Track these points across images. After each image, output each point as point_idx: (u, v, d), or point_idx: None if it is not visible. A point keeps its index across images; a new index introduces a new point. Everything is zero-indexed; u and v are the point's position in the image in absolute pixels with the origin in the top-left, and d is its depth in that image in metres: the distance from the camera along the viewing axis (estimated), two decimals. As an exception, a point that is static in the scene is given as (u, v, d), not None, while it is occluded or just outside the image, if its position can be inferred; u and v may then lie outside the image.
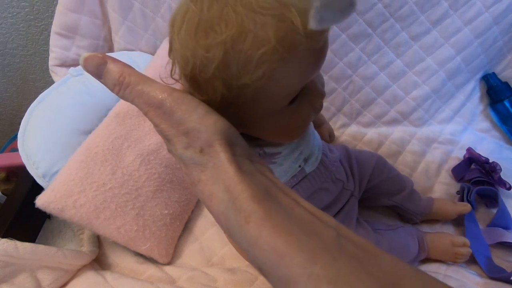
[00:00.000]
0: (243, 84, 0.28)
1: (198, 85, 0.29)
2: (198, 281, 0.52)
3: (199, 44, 0.27)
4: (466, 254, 0.52)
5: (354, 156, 0.56)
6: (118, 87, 0.27)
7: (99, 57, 0.27)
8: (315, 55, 0.31)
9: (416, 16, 0.69)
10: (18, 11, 0.78)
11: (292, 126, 0.36)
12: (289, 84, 0.30)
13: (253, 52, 0.26)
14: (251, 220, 0.22)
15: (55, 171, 0.56)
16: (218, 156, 0.24)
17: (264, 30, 0.26)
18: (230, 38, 0.26)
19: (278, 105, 0.32)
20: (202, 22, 0.27)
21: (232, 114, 0.31)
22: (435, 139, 0.75)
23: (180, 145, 0.26)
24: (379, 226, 0.55)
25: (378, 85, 0.75)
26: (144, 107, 0.26)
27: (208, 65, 0.27)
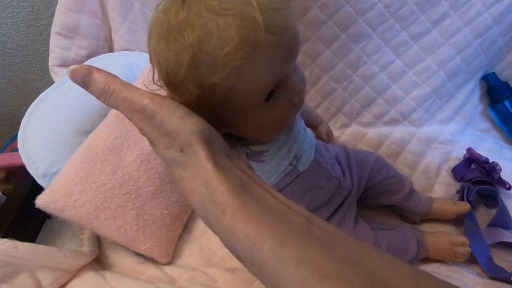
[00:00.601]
0: (214, 83, 0.30)
1: (175, 88, 0.32)
2: (198, 281, 0.52)
3: (169, 49, 0.30)
4: (466, 253, 0.52)
5: (353, 156, 0.56)
6: (103, 95, 0.29)
7: (85, 68, 0.29)
8: (283, 50, 0.32)
9: (416, 16, 0.69)
10: (18, 11, 0.78)
11: (272, 122, 0.37)
12: (258, 80, 0.32)
13: (218, 52, 0.28)
14: (227, 211, 0.24)
15: (55, 171, 0.56)
16: (197, 154, 0.26)
17: (226, 30, 0.28)
18: (196, 40, 0.28)
19: (253, 102, 0.34)
20: (170, 28, 0.30)
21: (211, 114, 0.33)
22: (435, 139, 0.75)
23: (162, 146, 0.28)
24: (379, 225, 0.55)
25: (378, 85, 0.75)
26: (128, 113, 0.28)
27: (179, 68, 0.30)
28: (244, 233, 0.23)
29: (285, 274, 0.21)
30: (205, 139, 0.27)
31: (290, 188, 0.46)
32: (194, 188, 0.26)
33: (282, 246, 0.22)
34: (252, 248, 0.23)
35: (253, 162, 0.42)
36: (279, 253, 0.22)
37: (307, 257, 0.22)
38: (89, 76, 0.29)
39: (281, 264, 0.22)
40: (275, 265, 0.22)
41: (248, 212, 0.24)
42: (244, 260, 0.24)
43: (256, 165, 0.43)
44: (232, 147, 0.40)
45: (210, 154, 0.26)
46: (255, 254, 0.23)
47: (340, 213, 0.50)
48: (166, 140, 0.27)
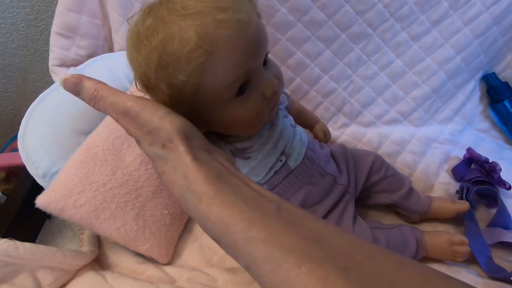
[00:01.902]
0: (181, 81, 0.33)
1: (151, 91, 0.35)
2: (198, 281, 0.52)
3: (139, 54, 0.33)
4: (465, 252, 0.52)
5: (351, 154, 0.56)
6: (93, 100, 0.32)
7: (76, 77, 0.32)
8: (243, 46, 0.34)
9: (416, 16, 0.69)
10: (18, 11, 0.78)
11: (247, 117, 0.38)
12: (222, 75, 0.34)
13: (180, 52, 0.32)
14: (202, 199, 0.26)
15: (55, 171, 0.56)
16: (177, 149, 0.29)
17: (186, 31, 0.31)
18: (160, 43, 0.32)
19: (223, 97, 0.36)
20: (139, 36, 0.33)
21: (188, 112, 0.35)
22: (435, 139, 0.75)
23: (146, 143, 0.30)
24: (378, 224, 0.55)
25: (378, 85, 0.75)
26: (115, 115, 0.31)
27: (150, 71, 0.33)
28: (219, 217, 0.25)
29: (254, 251, 0.24)
30: (184, 135, 0.29)
31: (283, 185, 0.47)
32: (175, 179, 0.28)
33: (252, 227, 0.24)
34: (226, 231, 0.25)
35: (239, 159, 0.44)
36: (249, 233, 0.24)
37: (274, 236, 0.24)
38: (80, 84, 0.32)
39: (251, 243, 0.24)
40: (246, 245, 0.24)
41: (223, 198, 0.26)
42: (220, 242, 0.26)
43: (243, 162, 0.44)
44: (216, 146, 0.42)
45: (189, 149, 0.29)
46: (228, 236, 0.25)
47: (338, 212, 0.50)
48: (149, 137, 0.30)
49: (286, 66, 0.72)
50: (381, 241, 0.50)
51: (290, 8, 0.66)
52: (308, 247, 0.23)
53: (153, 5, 0.34)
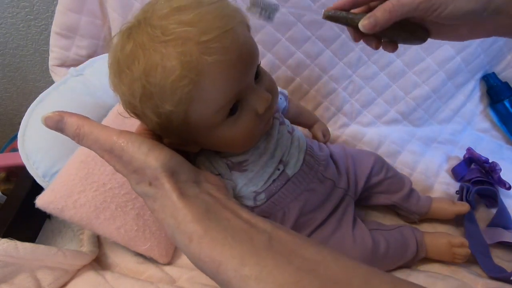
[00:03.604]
0: (169, 111, 0.31)
1: (138, 117, 0.34)
2: (198, 281, 0.52)
3: (122, 83, 0.32)
4: (465, 255, 0.52)
5: (351, 156, 0.55)
6: (77, 138, 0.31)
7: (57, 114, 0.31)
8: (232, 68, 0.31)
9: (416, 16, 0.69)
10: (18, 11, 0.78)
11: (239, 136, 0.36)
12: (212, 101, 0.32)
13: (164, 82, 0.30)
14: (193, 239, 0.26)
15: (55, 171, 0.56)
16: (163, 187, 0.28)
17: (169, 59, 0.29)
18: (142, 73, 0.30)
19: (214, 121, 0.34)
20: (120, 63, 0.31)
21: (179, 136, 0.34)
22: (435, 139, 0.75)
23: (133, 182, 0.30)
24: (378, 226, 0.55)
25: (378, 85, 0.75)
26: (100, 152, 0.30)
27: (134, 100, 0.32)
28: (210, 256, 0.25)
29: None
30: (170, 171, 0.29)
31: (281, 193, 0.45)
32: (164, 218, 0.28)
33: (243, 265, 0.24)
34: (218, 269, 0.25)
35: (236, 172, 0.42)
36: (241, 271, 0.24)
37: (266, 272, 0.24)
38: (61, 121, 0.31)
39: (243, 282, 0.24)
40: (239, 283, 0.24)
41: (212, 236, 0.26)
42: (214, 280, 0.26)
43: (240, 174, 0.42)
44: (212, 161, 0.41)
45: (175, 185, 0.28)
46: (221, 274, 0.25)
47: (337, 215, 0.50)
48: (135, 176, 0.29)
49: (286, 66, 0.72)
50: (381, 242, 0.50)
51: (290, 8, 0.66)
52: (302, 280, 0.23)
53: (132, 28, 0.32)
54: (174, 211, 0.27)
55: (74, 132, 0.31)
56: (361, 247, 0.49)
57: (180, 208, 0.27)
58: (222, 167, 0.41)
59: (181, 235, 0.26)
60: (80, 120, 0.31)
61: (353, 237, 0.49)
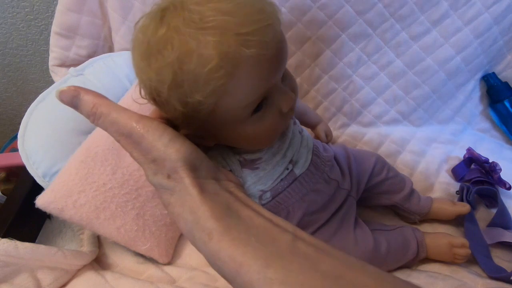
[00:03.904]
0: (197, 101, 0.30)
1: (161, 104, 0.32)
2: (198, 281, 0.52)
3: (150, 68, 0.30)
4: (465, 255, 0.52)
5: (353, 156, 0.55)
6: (92, 117, 0.29)
7: (72, 89, 0.29)
8: (267, 64, 0.31)
9: (416, 16, 0.69)
10: (18, 11, 0.78)
11: (261, 134, 0.36)
12: (243, 96, 0.31)
13: (199, 71, 0.28)
14: (212, 236, 0.25)
15: (55, 171, 0.56)
16: (183, 181, 0.27)
17: (206, 48, 0.28)
18: (176, 59, 0.28)
19: (240, 116, 0.33)
20: (150, 46, 0.29)
21: (199, 128, 0.33)
22: (435, 139, 0.75)
23: (149, 172, 0.28)
24: (378, 226, 0.55)
25: (378, 85, 0.75)
26: (116, 136, 0.29)
27: (162, 87, 0.30)
28: (230, 256, 0.24)
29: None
30: (190, 166, 0.27)
31: (287, 192, 0.45)
32: (181, 213, 0.27)
33: (268, 267, 0.23)
34: (239, 271, 0.23)
35: (247, 169, 0.42)
36: (265, 274, 0.23)
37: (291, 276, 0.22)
38: (77, 97, 0.29)
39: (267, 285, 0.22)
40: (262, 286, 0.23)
41: (234, 235, 0.24)
42: (232, 282, 0.25)
43: (251, 172, 0.42)
44: (225, 156, 0.40)
45: (195, 181, 0.27)
46: (242, 276, 0.23)
47: (340, 216, 0.50)
48: (153, 166, 0.28)
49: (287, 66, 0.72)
50: (382, 243, 0.50)
51: (290, 8, 0.66)
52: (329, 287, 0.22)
53: (165, 10, 0.30)
54: (193, 206, 0.26)
55: (90, 111, 0.29)
56: (362, 248, 0.49)
57: (200, 204, 0.26)
58: (234, 164, 0.41)
59: (200, 232, 0.25)
60: (97, 98, 0.29)
61: (354, 238, 0.49)
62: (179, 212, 0.27)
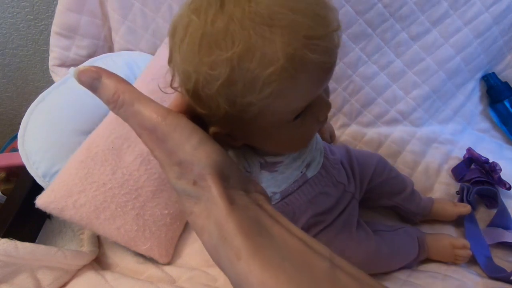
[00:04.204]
0: (248, 102, 0.27)
1: (200, 99, 0.29)
2: (198, 281, 0.52)
3: (202, 60, 0.26)
4: (466, 256, 0.52)
5: (355, 157, 0.55)
6: (112, 104, 0.26)
7: (93, 70, 0.26)
8: (325, 71, 0.29)
9: (416, 16, 0.69)
10: (18, 11, 0.78)
11: (296, 139, 0.35)
12: (297, 100, 0.30)
13: (260, 71, 0.26)
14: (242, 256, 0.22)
15: (55, 171, 0.56)
16: (210, 190, 0.24)
17: (272, 47, 0.25)
18: (236, 55, 0.25)
19: (282, 121, 0.31)
20: (206, 36, 0.26)
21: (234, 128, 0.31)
22: (435, 139, 0.75)
23: (172, 175, 0.25)
24: (379, 227, 0.55)
25: (378, 85, 0.75)
26: (138, 129, 0.25)
27: (212, 82, 0.27)
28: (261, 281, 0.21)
29: None
30: (220, 174, 0.24)
31: (297, 194, 0.45)
32: (206, 226, 0.24)
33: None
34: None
35: (265, 171, 0.41)
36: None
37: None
38: (98, 80, 0.26)
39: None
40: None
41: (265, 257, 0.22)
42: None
43: (268, 174, 0.41)
44: (247, 157, 0.39)
45: (224, 192, 0.24)
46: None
47: (343, 218, 0.50)
48: (177, 169, 0.25)
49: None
50: (383, 244, 0.50)
51: (290, 8, 0.66)
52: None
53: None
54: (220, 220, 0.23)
55: (111, 97, 0.25)
56: (364, 249, 0.49)
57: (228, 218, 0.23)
58: (255, 165, 0.40)
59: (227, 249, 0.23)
60: (120, 84, 0.26)
61: (356, 239, 0.49)
62: (203, 224, 0.24)
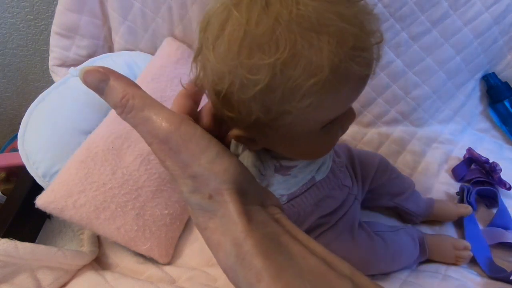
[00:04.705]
0: (285, 111, 0.26)
1: (230, 103, 0.27)
2: (198, 281, 0.52)
3: (241, 63, 0.24)
4: (467, 257, 0.52)
5: (357, 157, 0.55)
6: (120, 109, 0.24)
7: (101, 72, 0.24)
8: (364, 83, 0.28)
9: (416, 16, 0.69)
10: (18, 11, 0.78)
11: (320, 147, 0.35)
12: (333, 112, 0.29)
13: (303, 81, 0.24)
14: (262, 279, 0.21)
15: (55, 171, 0.56)
16: (227, 206, 0.22)
17: (318, 55, 0.23)
18: (280, 61, 0.23)
19: (311, 130, 0.30)
20: (248, 37, 0.24)
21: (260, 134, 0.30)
22: (435, 139, 0.75)
23: (186, 188, 0.23)
24: (380, 227, 0.55)
25: (378, 85, 0.75)
26: (148, 138, 0.23)
27: (250, 87, 0.25)
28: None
29: None
30: (239, 189, 0.23)
31: (304, 196, 0.44)
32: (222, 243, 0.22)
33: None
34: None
35: (279, 175, 0.41)
36: None
37: None
38: (105, 82, 0.24)
39: None
40: None
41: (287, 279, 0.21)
42: None
43: (282, 177, 0.41)
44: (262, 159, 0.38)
45: (242, 208, 0.22)
46: None
47: (346, 219, 0.50)
48: (191, 183, 0.23)
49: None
50: (384, 245, 0.50)
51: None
52: None
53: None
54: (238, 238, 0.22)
55: (119, 101, 0.23)
56: (365, 249, 0.49)
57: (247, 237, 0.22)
58: (270, 168, 0.40)
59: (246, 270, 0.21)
60: (130, 87, 0.24)
61: (357, 240, 0.49)
62: (219, 242, 0.23)
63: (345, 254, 0.47)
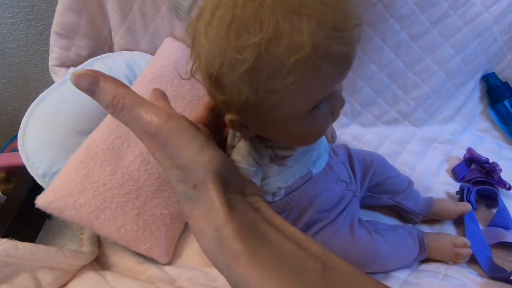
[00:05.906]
0: (271, 89, 0.28)
1: (221, 85, 0.29)
2: (198, 281, 0.52)
3: (229, 44, 0.26)
4: (467, 255, 0.52)
5: (356, 156, 0.55)
6: (112, 108, 0.26)
7: (91, 75, 0.25)
8: (347, 63, 0.29)
9: (416, 16, 0.69)
10: (18, 11, 0.78)
11: (310, 132, 0.35)
12: (318, 91, 0.30)
13: (286, 58, 0.26)
14: (240, 260, 0.23)
15: (55, 171, 0.56)
16: (209, 194, 0.24)
17: (300, 34, 0.25)
18: (264, 40, 0.25)
19: (300, 112, 0.31)
20: (235, 20, 0.26)
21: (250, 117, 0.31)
22: (435, 139, 0.75)
23: (173, 178, 0.25)
24: (380, 226, 0.55)
25: (378, 85, 0.75)
26: (139, 133, 0.26)
27: (237, 67, 0.27)
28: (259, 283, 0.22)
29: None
30: (221, 179, 0.25)
31: (301, 190, 0.45)
32: (204, 229, 0.24)
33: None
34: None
35: (275, 165, 0.41)
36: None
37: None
38: (96, 84, 0.25)
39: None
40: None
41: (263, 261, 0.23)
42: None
43: (277, 168, 0.42)
44: (257, 148, 0.39)
45: (223, 197, 0.24)
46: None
47: (343, 216, 0.50)
48: (178, 172, 0.25)
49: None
50: (383, 243, 0.50)
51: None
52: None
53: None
54: (219, 224, 0.24)
55: (110, 101, 0.25)
56: (364, 247, 0.49)
57: (227, 223, 0.23)
58: (265, 157, 0.40)
59: (225, 253, 0.23)
60: (119, 88, 0.26)
61: (356, 238, 0.49)
62: (201, 228, 0.25)
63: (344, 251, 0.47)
